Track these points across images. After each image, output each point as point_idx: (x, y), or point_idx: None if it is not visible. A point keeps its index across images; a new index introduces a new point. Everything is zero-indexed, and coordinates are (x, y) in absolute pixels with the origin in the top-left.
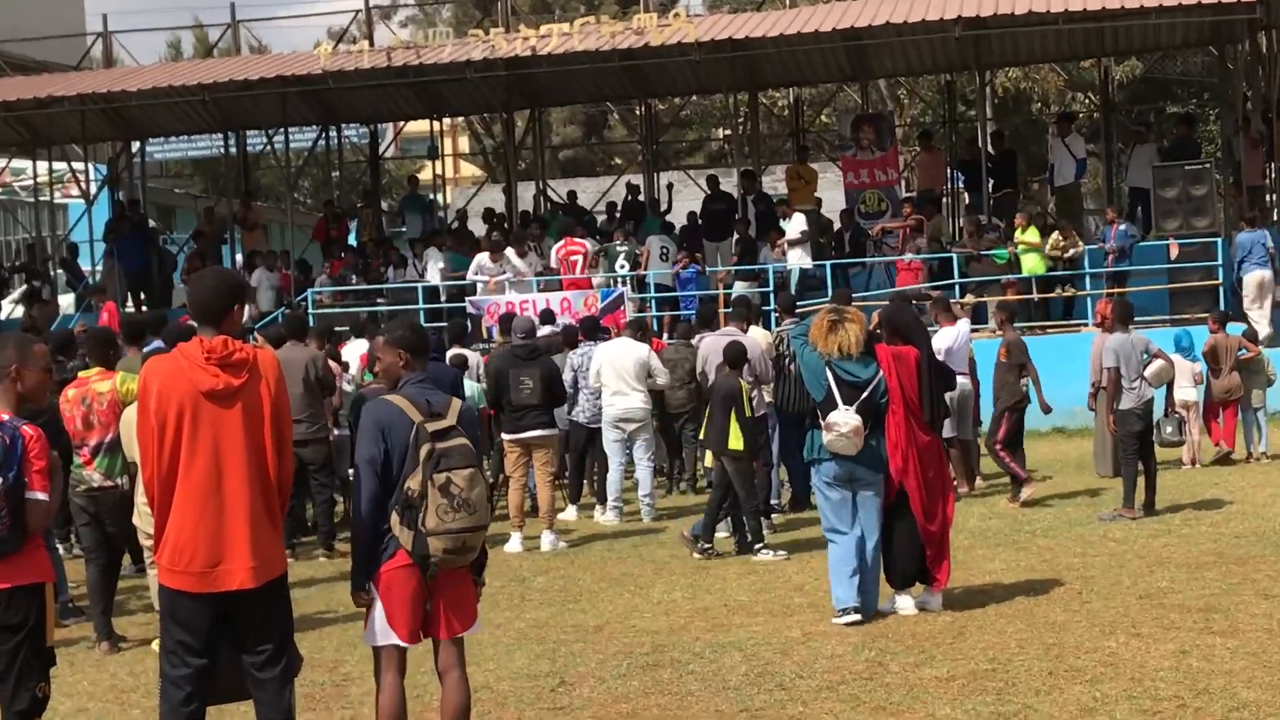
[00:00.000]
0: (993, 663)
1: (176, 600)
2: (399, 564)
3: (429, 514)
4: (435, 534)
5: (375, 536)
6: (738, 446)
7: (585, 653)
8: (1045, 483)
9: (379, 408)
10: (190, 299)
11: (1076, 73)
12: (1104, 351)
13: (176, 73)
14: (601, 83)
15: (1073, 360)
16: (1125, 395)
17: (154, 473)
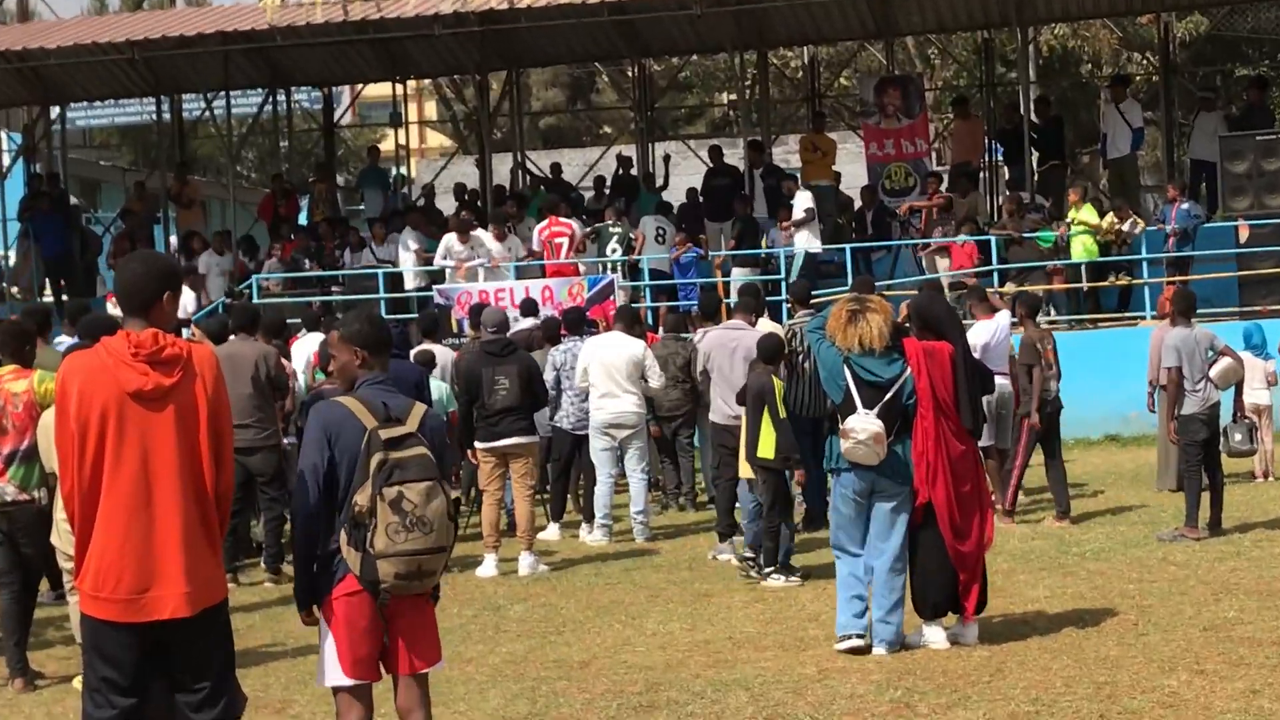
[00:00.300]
0: (1035, 704)
1: (101, 631)
2: (348, 590)
3: (378, 534)
4: (385, 556)
5: (314, 552)
6: (768, 454)
7: (569, 692)
8: (1096, 498)
9: (327, 410)
10: (117, 286)
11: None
12: (1164, 349)
13: (102, 28)
14: (588, 40)
15: (1128, 358)
16: (1188, 398)
17: (74, 485)
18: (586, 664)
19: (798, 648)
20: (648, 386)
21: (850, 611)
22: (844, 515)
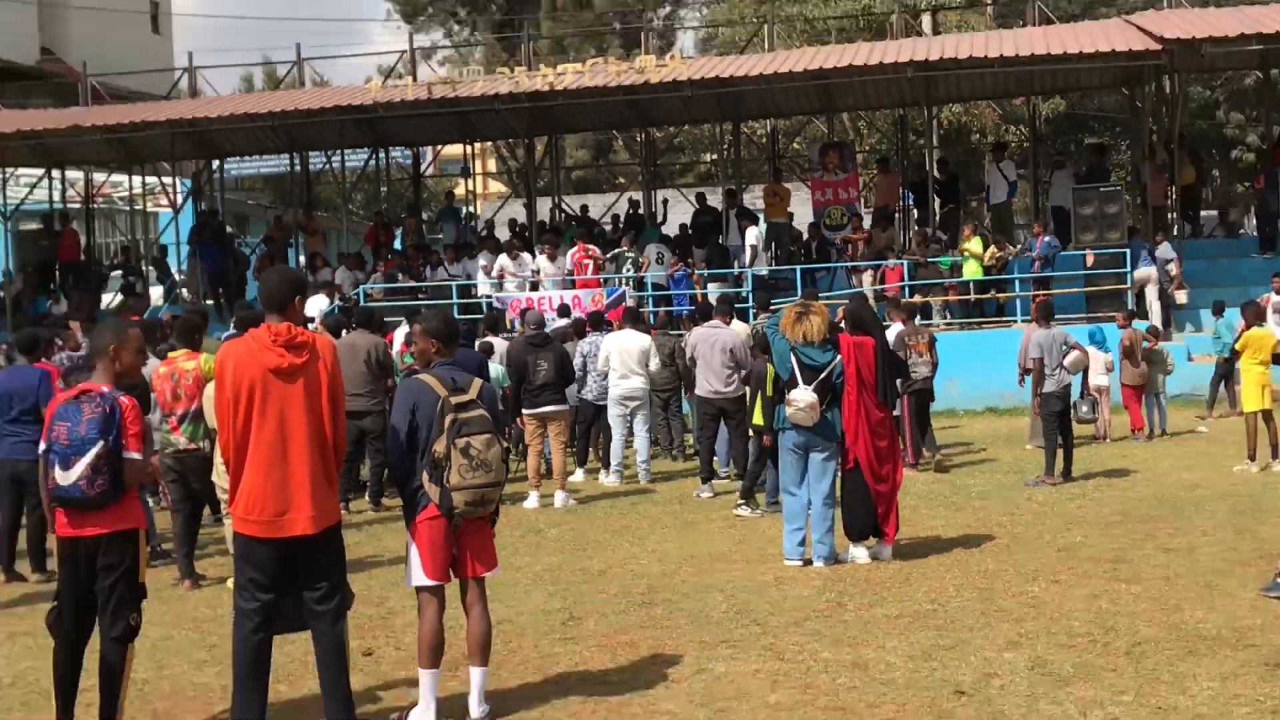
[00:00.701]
0: (934, 604)
1: (248, 544)
2: (429, 515)
3: (452, 473)
4: (458, 489)
5: (410, 481)
6: (758, 421)
7: (591, 593)
8: (980, 454)
9: (410, 384)
10: (260, 292)
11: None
12: (1030, 344)
13: (250, 102)
14: (608, 114)
15: (1004, 351)
16: (1048, 381)
17: (230, 437)
18: (604, 572)
19: (760, 561)
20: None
21: (793, 541)
22: (788, 464)
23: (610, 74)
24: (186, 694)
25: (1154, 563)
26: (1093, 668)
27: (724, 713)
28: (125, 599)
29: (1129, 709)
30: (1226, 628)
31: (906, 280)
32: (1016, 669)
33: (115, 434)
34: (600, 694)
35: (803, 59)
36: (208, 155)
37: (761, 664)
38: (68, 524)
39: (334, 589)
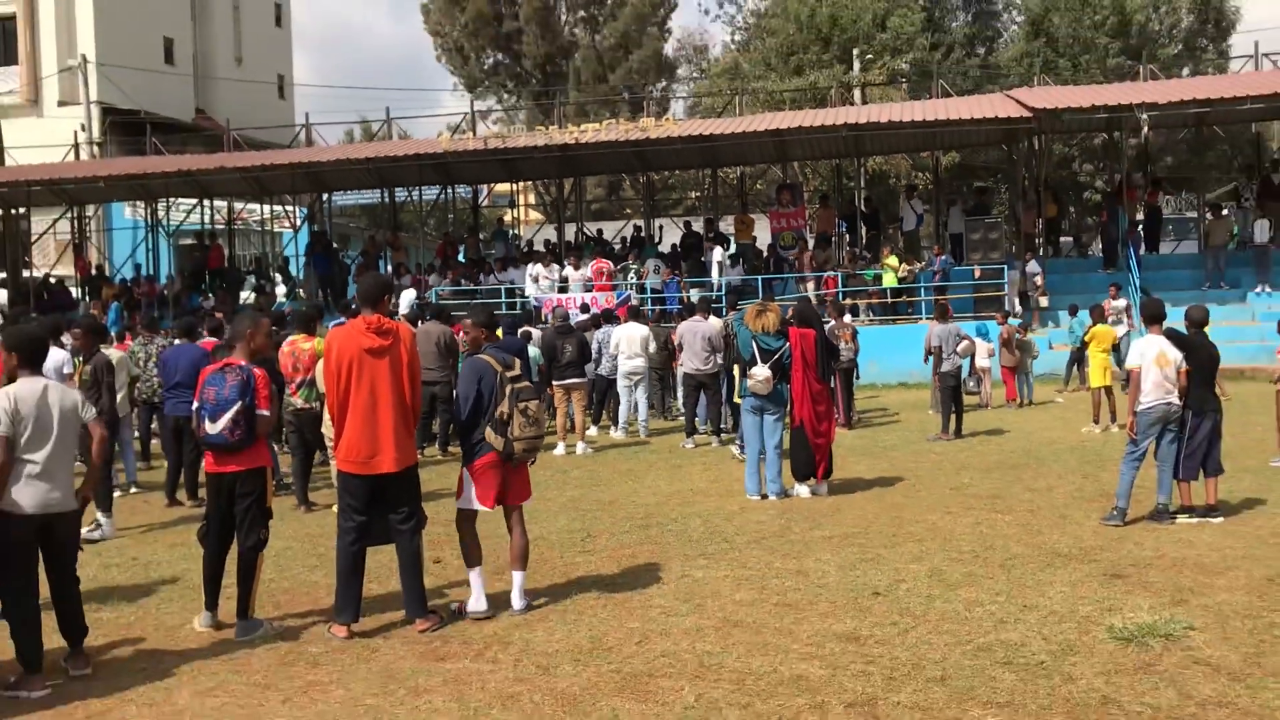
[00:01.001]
0: (857, 527)
1: (347, 479)
2: (487, 461)
3: (514, 428)
4: (518, 439)
5: (472, 434)
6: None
7: (602, 518)
8: (894, 417)
9: (475, 363)
10: (358, 292)
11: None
12: (932, 335)
13: (351, 150)
14: (619, 161)
15: (913, 341)
16: (945, 363)
17: (334, 399)
18: (612, 502)
19: (728, 495)
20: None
21: (752, 480)
22: (748, 423)
23: (620, 131)
24: (301, 590)
25: (1022, 499)
26: (976, 576)
27: (700, 606)
28: (256, 519)
29: (1002, 606)
30: (1076, 547)
31: (841, 287)
32: (919, 576)
33: (250, 397)
34: (609, 592)
35: (764, 121)
36: (319, 189)
37: (729, 571)
38: (214, 463)
39: (412, 513)
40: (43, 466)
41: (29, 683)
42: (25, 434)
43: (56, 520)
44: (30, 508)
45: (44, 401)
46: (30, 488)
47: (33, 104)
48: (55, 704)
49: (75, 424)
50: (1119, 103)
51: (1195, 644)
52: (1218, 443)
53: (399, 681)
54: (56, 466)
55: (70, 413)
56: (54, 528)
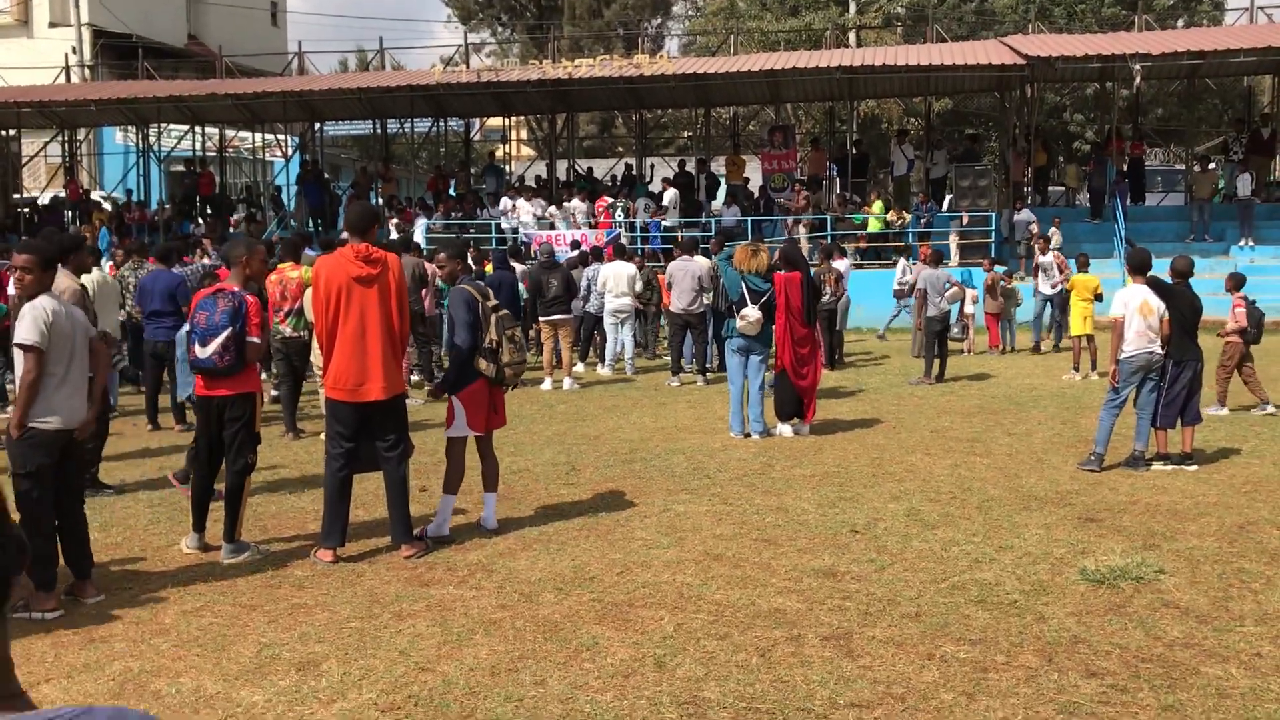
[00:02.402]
0: (838, 467)
1: (336, 406)
2: (476, 386)
3: (503, 353)
4: (508, 364)
5: (470, 360)
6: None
7: (587, 452)
8: (878, 361)
9: (461, 291)
10: (346, 221)
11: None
12: (919, 280)
13: (344, 80)
14: (612, 97)
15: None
16: (930, 308)
17: (323, 328)
18: (598, 437)
19: (712, 433)
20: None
21: (735, 421)
22: (733, 362)
23: (614, 68)
24: (289, 515)
25: (1001, 443)
26: (952, 517)
27: (681, 539)
28: (245, 443)
29: (978, 546)
30: (1052, 491)
31: (829, 230)
32: (897, 515)
33: (241, 323)
34: (592, 524)
35: (758, 61)
36: (311, 119)
37: (710, 506)
38: (204, 386)
39: (399, 440)
40: (69, 380)
41: (41, 601)
42: (54, 348)
43: (74, 436)
44: (60, 423)
45: (65, 315)
46: (62, 402)
47: (23, 24)
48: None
49: (87, 338)
50: (1113, 52)
51: (1165, 587)
52: (1197, 392)
53: (383, 605)
54: (80, 380)
55: (83, 327)
56: (72, 444)
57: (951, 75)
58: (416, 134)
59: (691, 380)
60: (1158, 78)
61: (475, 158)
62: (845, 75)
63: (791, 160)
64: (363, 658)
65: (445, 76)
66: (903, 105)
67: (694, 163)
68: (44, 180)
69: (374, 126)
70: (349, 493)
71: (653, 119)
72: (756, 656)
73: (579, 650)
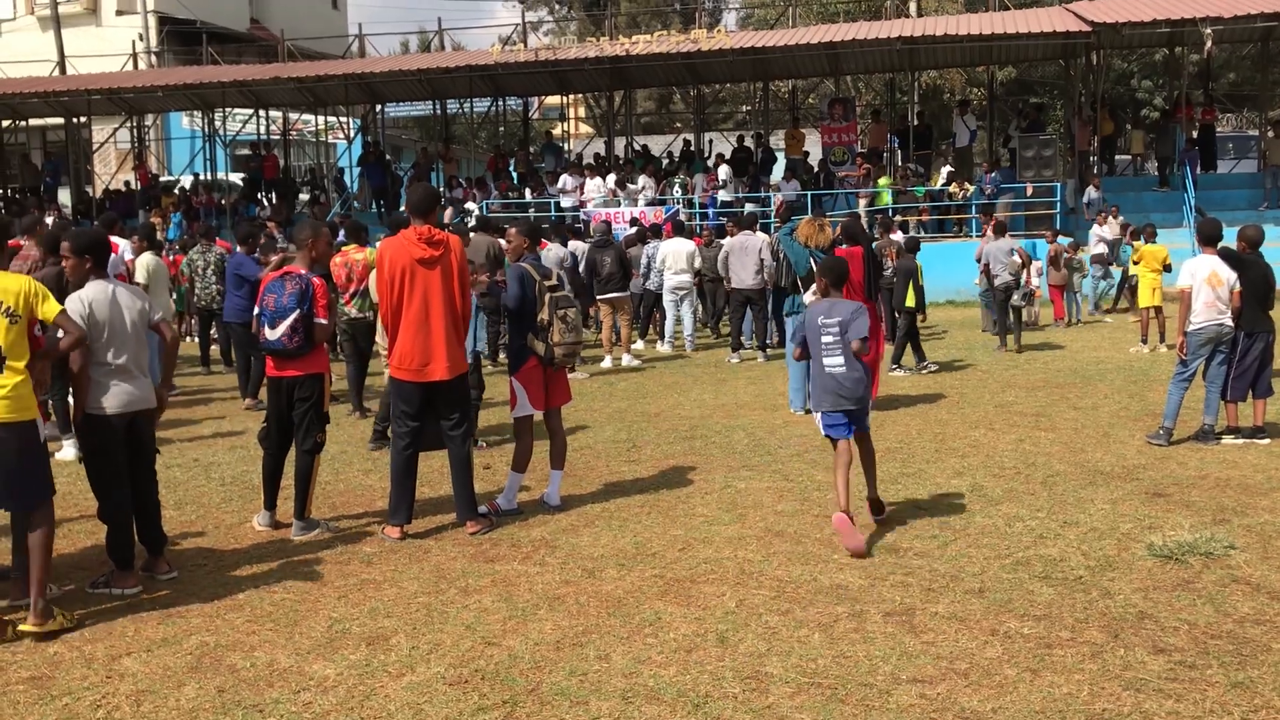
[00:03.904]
0: (900, 443)
1: (401, 386)
2: (532, 365)
3: (554, 333)
4: (558, 345)
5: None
6: (911, 304)
7: (648, 429)
8: (943, 336)
9: (518, 268)
10: (408, 203)
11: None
12: (985, 252)
13: (404, 62)
14: (669, 73)
15: (964, 258)
16: (996, 279)
17: (387, 309)
18: (658, 414)
19: (772, 410)
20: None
21: (796, 397)
22: (797, 339)
23: (671, 43)
24: (356, 492)
25: (1066, 417)
26: (1017, 492)
27: (742, 516)
28: (314, 423)
29: (1042, 522)
30: (1119, 466)
31: (891, 203)
32: (960, 492)
33: (308, 304)
34: (653, 500)
35: (817, 34)
36: (372, 101)
37: (772, 483)
38: (274, 368)
39: (463, 419)
40: (123, 367)
41: (122, 579)
42: (103, 336)
43: (139, 418)
44: (115, 408)
45: (115, 303)
46: (115, 389)
47: (91, 13)
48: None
49: (145, 323)
50: (1181, 17)
51: (1235, 563)
52: (1269, 364)
53: (449, 581)
54: (135, 366)
55: (140, 313)
56: (137, 426)
57: (1014, 44)
58: (476, 114)
59: (752, 357)
60: (1229, 41)
61: (534, 136)
62: (906, 46)
63: (852, 133)
64: (430, 632)
65: (503, 56)
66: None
67: (752, 137)
68: (114, 166)
69: (434, 107)
70: (415, 470)
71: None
72: (818, 632)
73: (642, 625)
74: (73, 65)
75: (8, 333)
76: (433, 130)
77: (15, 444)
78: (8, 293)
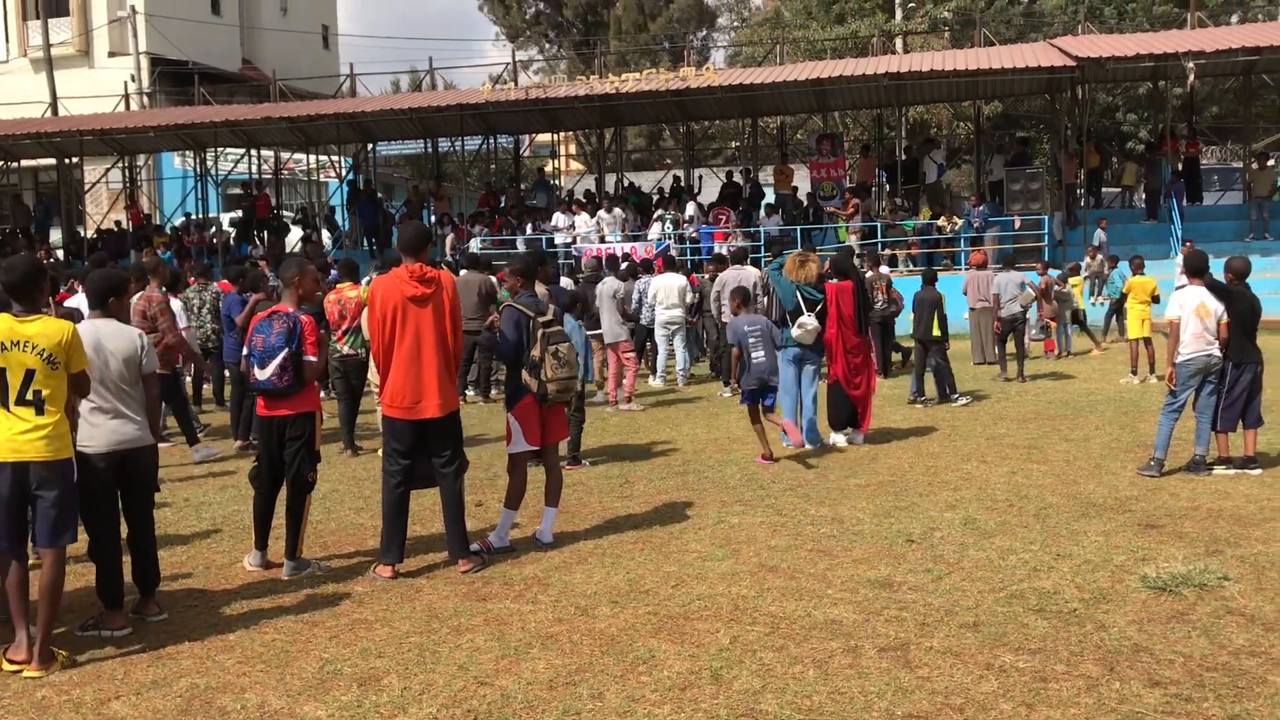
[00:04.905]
0: (893, 476)
1: (393, 424)
2: (528, 402)
3: (546, 369)
4: (551, 381)
5: (518, 372)
6: (937, 334)
7: (641, 464)
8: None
9: (512, 310)
10: (399, 241)
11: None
12: (994, 283)
13: (395, 101)
14: (659, 110)
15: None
16: (1003, 309)
17: (379, 346)
18: (650, 448)
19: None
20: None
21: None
22: (788, 372)
23: (660, 81)
24: (348, 531)
25: (1058, 449)
26: (1009, 525)
27: (736, 551)
28: (305, 461)
29: (1036, 555)
30: (1111, 497)
31: (879, 238)
32: (953, 524)
33: (297, 343)
34: (646, 536)
35: (804, 70)
36: (364, 139)
37: (765, 517)
38: (264, 407)
39: (454, 456)
40: (109, 404)
41: (111, 620)
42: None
43: (132, 456)
44: (104, 446)
45: (96, 342)
46: (101, 426)
47: (84, 55)
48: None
49: (136, 361)
50: (1164, 51)
51: (1229, 594)
52: (1258, 394)
53: (442, 620)
54: (123, 404)
55: (130, 355)
56: (129, 464)
57: (1000, 79)
58: (467, 152)
59: None
60: (1212, 75)
61: (525, 173)
62: (892, 81)
63: (840, 168)
64: (422, 672)
65: (494, 95)
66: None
67: (741, 173)
68: (105, 206)
69: (425, 145)
70: (406, 509)
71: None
72: (813, 668)
73: (635, 663)
74: (65, 106)
75: (49, 378)
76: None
77: (55, 482)
78: (49, 340)
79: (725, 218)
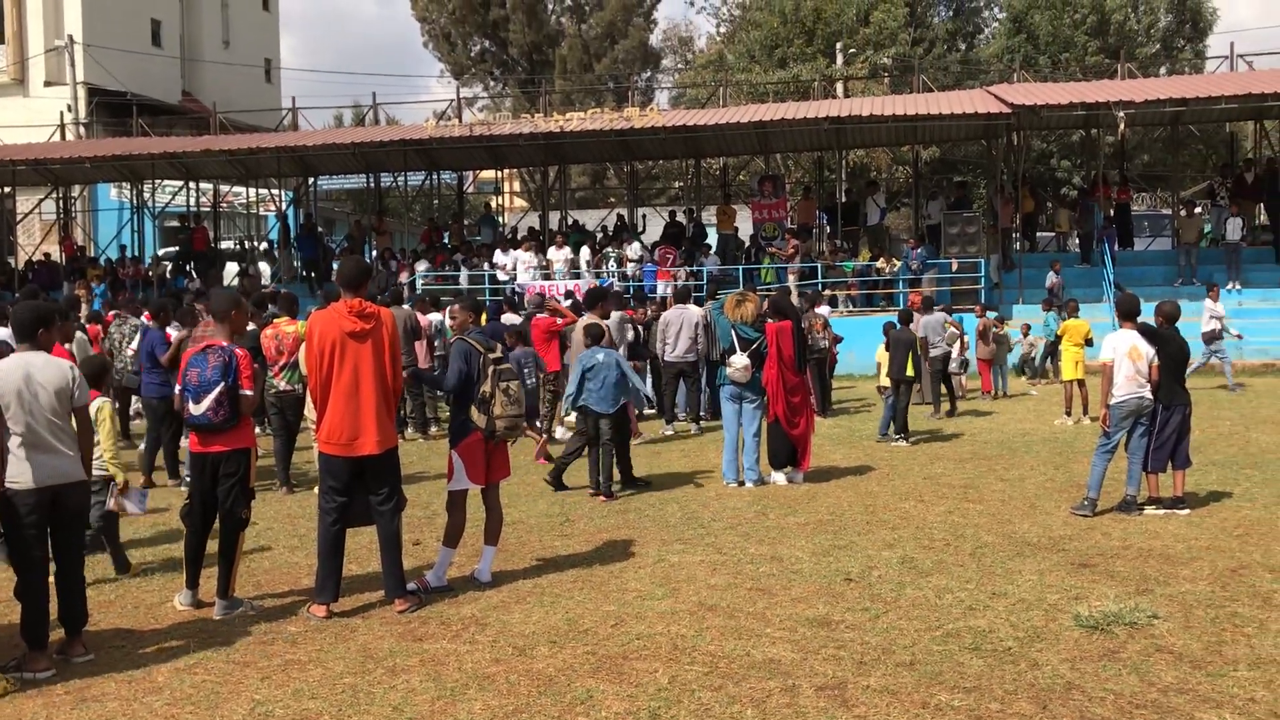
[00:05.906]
0: (832, 515)
1: (330, 461)
2: (474, 439)
3: (495, 406)
4: (500, 417)
5: (459, 413)
6: (911, 374)
7: (581, 502)
8: (870, 408)
9: (461, 345)
10: (339, 276)
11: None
12: (921, 325)
13: (337, 135)
14: (603, 149)
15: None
16: (932, 350)
17: (317, 382)
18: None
19: (706, 482)
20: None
21: (729, 470)
22: (728, 409)
23: (605, 121)
24: (282, 570)
25: (994, 489)
26: (946, 564)
27: (676, 590)
28: (239, 499)
29: (971, 594)
30: (1045, 536)
31: (820, 278)
32: (890, 563)
33: (233, 377)
34: (586, 575)
35: (747, 113)
36: (305, 173)
37: (705, 556)
38: (198, 443)
39: (392, 494)
40: (38, 439)
41: (34, 662)
42: (10, 409)
43: (64, 492)
44: (34, 482)
45: (26, 375)
46: (31, 461)
47: (19, 83)
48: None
49: (67, 394)
50: (1096, 100)
51: (1159, 632)
52: (1186, 436)
53: (377, 661)
54: (55, 437)
55: (59, 382)
56: (61, 500)
57: (938, 124)
58: (410, 187)
59: (685, 429)
60: (1142, 124)
61: (469, 209)
62: (833, 125)
63: (782, 209)
64: (356, 714)
65: (438, 131)
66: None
67: (684, 212)
68: (38, 237)
69: (367, 180)
70: (342, 547)
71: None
72: (751, 708)
73: (573, 704)
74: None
75: None
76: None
77: None
78: None
79: (671, 257)
